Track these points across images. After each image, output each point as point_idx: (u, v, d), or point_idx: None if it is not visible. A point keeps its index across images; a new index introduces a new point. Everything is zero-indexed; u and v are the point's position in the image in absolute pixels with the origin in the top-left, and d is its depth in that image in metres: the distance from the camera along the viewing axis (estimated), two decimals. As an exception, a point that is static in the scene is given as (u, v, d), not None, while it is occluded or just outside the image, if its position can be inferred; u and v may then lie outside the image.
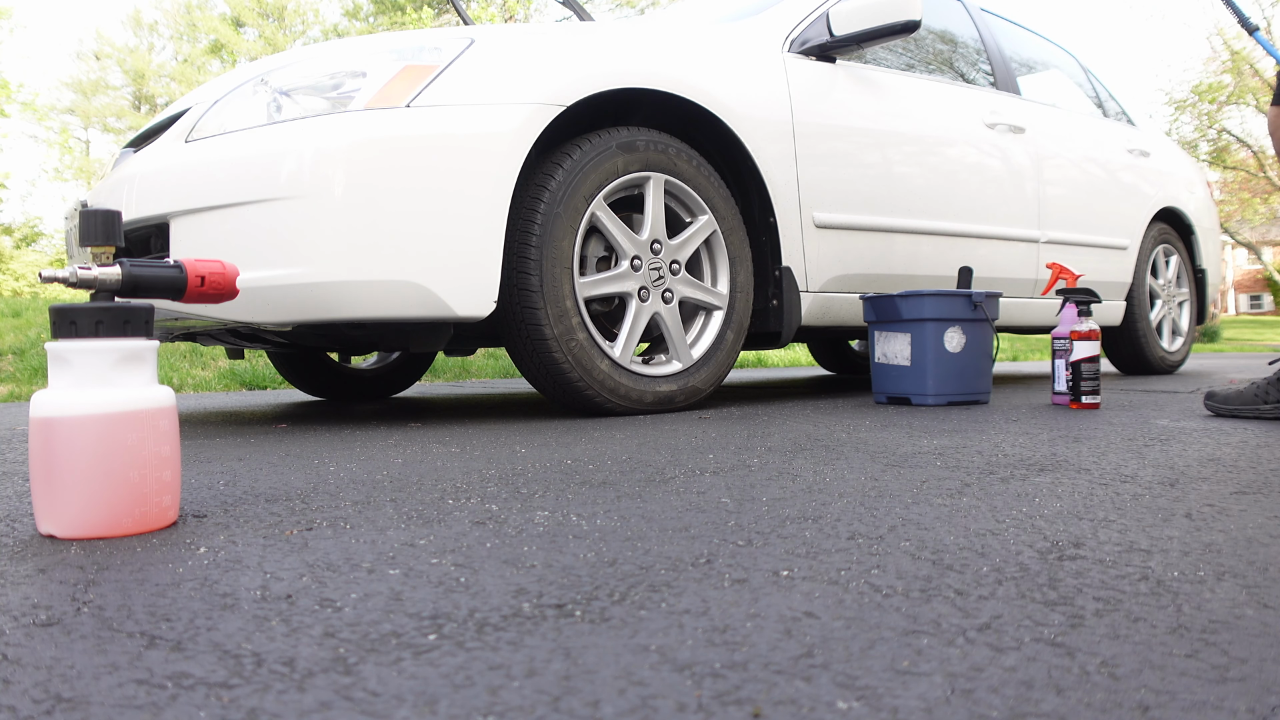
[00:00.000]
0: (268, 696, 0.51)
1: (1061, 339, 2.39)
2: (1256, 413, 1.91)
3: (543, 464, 1.39)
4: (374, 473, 1.34)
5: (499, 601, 0.68)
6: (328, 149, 1.82)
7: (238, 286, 1.08)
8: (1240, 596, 0.67)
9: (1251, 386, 1.94)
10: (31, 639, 0.61)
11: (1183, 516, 0.96)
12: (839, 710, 0.48)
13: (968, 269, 2.62)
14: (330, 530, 0.93)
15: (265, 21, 24.63)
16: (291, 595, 0.70)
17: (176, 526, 0.97)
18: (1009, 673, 0.53)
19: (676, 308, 2.22)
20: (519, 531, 0.91)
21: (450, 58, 1.96)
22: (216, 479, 1.31)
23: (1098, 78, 4.20)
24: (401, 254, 1.83)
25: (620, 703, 0.49)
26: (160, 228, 1.95)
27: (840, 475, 1.25)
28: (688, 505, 1.04)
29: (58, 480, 0.91)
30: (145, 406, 0.94)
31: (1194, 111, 21.79)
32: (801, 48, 2.56)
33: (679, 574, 0.75)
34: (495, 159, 1.90)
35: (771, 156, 2.37)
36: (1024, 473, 1.25)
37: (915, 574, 0.74)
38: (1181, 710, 0.48)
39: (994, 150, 3.11)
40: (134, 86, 25.33)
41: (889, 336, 2.50)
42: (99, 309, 0.93)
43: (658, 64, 2.19)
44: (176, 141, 2.01)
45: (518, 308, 1.99)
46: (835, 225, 2.55)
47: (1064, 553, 0.80)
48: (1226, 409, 1.96)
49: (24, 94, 22.37)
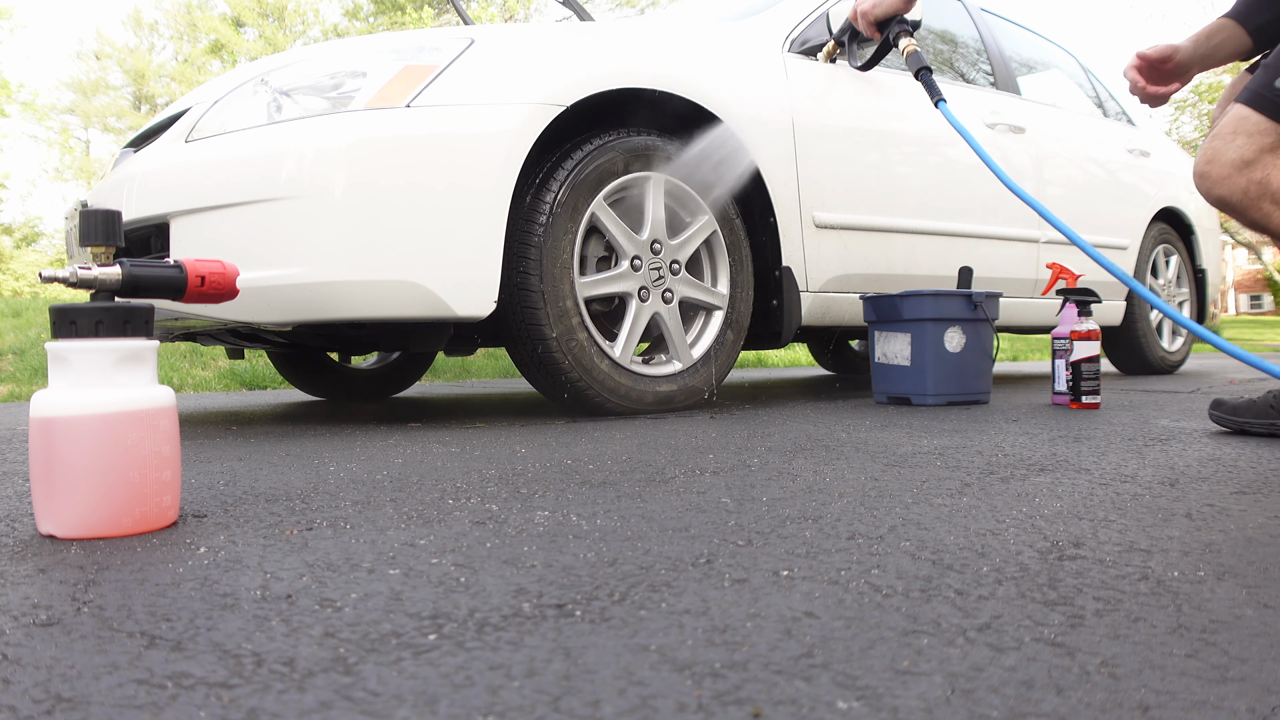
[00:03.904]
0: (268, 696, 0.51)
1: (1061, 339, 2.39)
2: (1270, 429, 1.66)
3: (543, 464, 1.39)
4: (374, 473, 1.34)
5: (499, 601, 0.68)
6: (328, 149, 1.82)
7: (238, 286, 1.08)
8: (1240, 596, 0.67)
9: (1266, 396, 1.70)
10: (31, 639, 0.61)
11: (1183, 516, 0.96)
12: (839, 710, 0.48)
13: (968, 269, 2.62)
14: (330, 530, 0.93)
15: (265, 21, 24.63)
16: (291, 595, 0.70)
17: (176, 526, 0.97)
18: (1009, 673, 0.53)
19: (676, 308, 2.22)
20: (519, 531, 0.91)
21: (450, 58, 1.96)
22: (216, 479, 1.31)
23: (1098, 78, 4.20)
24: (401, 254, 1.83)
25: (620, 703, 0.49)
26: (160, 228, 1.95)
27: (840, 475, 1.24)
28: (688, 505, 1.04)
29: (58, 480, 0.91)
30: (145, 406, 0.94)
31: (1194, 111, 21.79)
32: (802, 48, 2.56)
33: (679, 574, 0.75)
34: (495, 159, 1.90)
35: (771, 156, 2.37)
36: (1024, 473, 1.25)
37: (915, 574, 0.74)
38: (1181, 710, 0.48)
39: (994, 150, 3.11)
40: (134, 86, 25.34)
41: (889, 336, 2.50)
42: (99, 309, 0.93)
43: (658, 64, 2.19)
44: (176, 141, 2.01)
45: (518, 308, 1.99)
46: (835, 225, 2.54)
47: (1064, 553, 0.80)
48: (1236, 421, 1.71)
49: (24, 94, 22.37)
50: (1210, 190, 1.48)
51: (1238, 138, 1.44)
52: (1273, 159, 1.42)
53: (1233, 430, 1.71)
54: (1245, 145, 1.43)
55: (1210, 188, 1.48)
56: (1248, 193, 1.44)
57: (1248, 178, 1.43)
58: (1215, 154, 1.47)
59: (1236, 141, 1.44)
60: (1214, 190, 1.48)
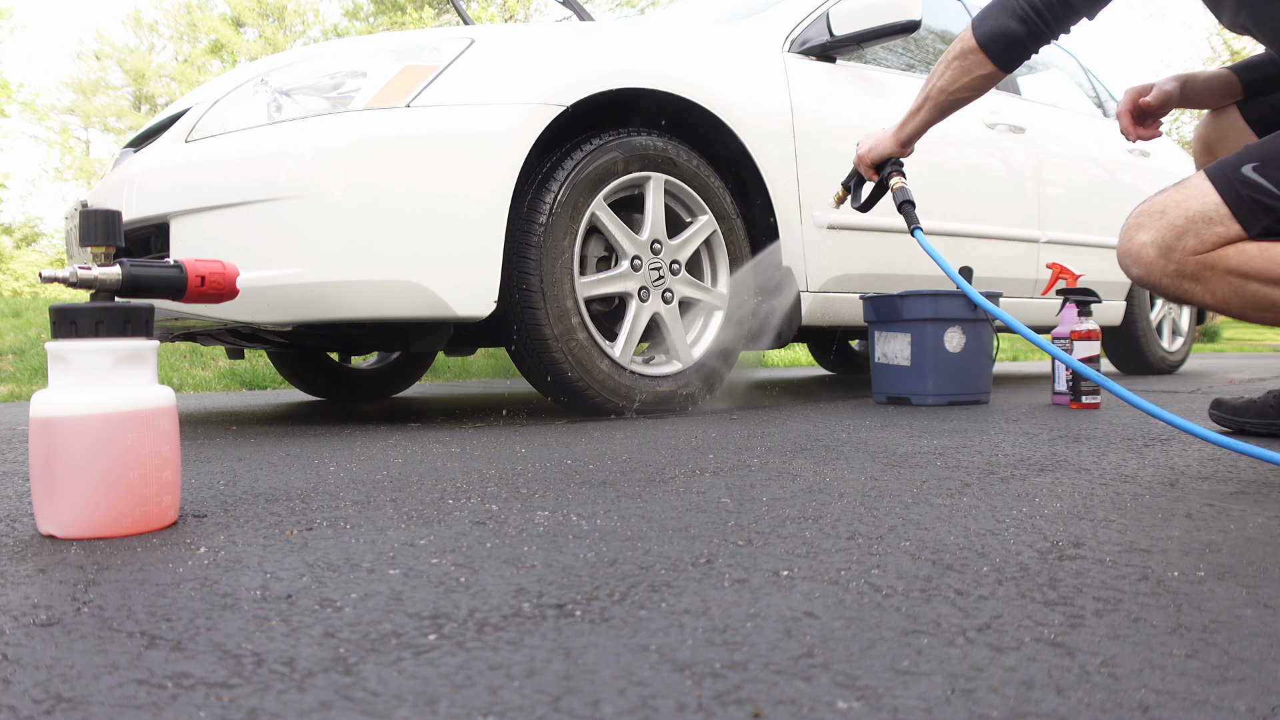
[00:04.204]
0: (268, 696, 0.51)
1: (1062, 339, 2.39)
2: (1270, 429, 1.65)
3: (543, 464, 1.39)
4: (374, 473, 1.34)
5: (499, 601, 0.68)
6: (328, 149, 1.82)
7: (238, 286, 1.08)
8: (1240, 596, 0.67)
9: (1266, 396, 1.69)
10: (31, 639, 0.61)
11: (1183, 516, 0.96)
12: (839, 710, 0.48)
13: (968, 269, 2.62)
14: (330, 530, 0.93)
15: (265, 21, 24.62)
16: (291, 595, 0.70)
17: (176, 526, 0.97)
18: (1009, 673, 0.53)
19: (676, 308, 2.22)
20: (519, 531, 0.91)
21: (450, 58, 1.96)
22: (216, 479, 1.31)
23: (1098, 78, 4.20)
24: (401, 254, 1.83)
25: (620, 703, 0.49)
26: (160, 228, 1.95)
27: (840, 475, 1.24)
28: (688, 505, 1.04)
29: (58, 480, 0.91)
30: (145, 406, 0.94)
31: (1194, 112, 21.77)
32: (802, 48, 2.56)
33: (679, 574, 0.75)
34: (495, 159, 1.90)
35: (772, 156, 2.37)
36: (1024, 473, 1.25)
37: (915, 574, 0.74)
38: (1181, 710, 0.48)
39: (994, 150, 3.11)
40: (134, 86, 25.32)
41: (889, 336, 2.50)
42: (99, 309, 0.93)
43: (658, 64, 2.19)
44: (176, 141, 2.01)
45: (518, 308, 1.99)
46: (835, 225, 2.54)
47: (1064, 553, 0.80)
48: (1236, 422, 1.70)
49: (24, 94, 22.36)
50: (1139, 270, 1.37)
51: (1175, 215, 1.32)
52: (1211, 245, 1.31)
53: (1233, 430, 1.71)
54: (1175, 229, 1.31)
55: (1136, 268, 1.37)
56: (1181, 272, 1.32)
57: (1177, 265, 1.32)
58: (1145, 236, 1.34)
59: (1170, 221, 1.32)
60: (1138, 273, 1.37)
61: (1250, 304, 1.31)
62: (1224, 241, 1.29)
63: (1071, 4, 1.45)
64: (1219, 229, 1.29)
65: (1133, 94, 1.71)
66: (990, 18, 1.53)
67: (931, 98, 1.69)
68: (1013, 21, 1.49)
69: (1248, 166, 1.28)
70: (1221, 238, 1.29)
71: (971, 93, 1.64)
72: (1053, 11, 1.46)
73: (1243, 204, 1.27)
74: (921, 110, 1.73)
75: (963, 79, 1.61)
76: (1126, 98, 1.71)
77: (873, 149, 1.89)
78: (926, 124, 1.76)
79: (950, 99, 1.66)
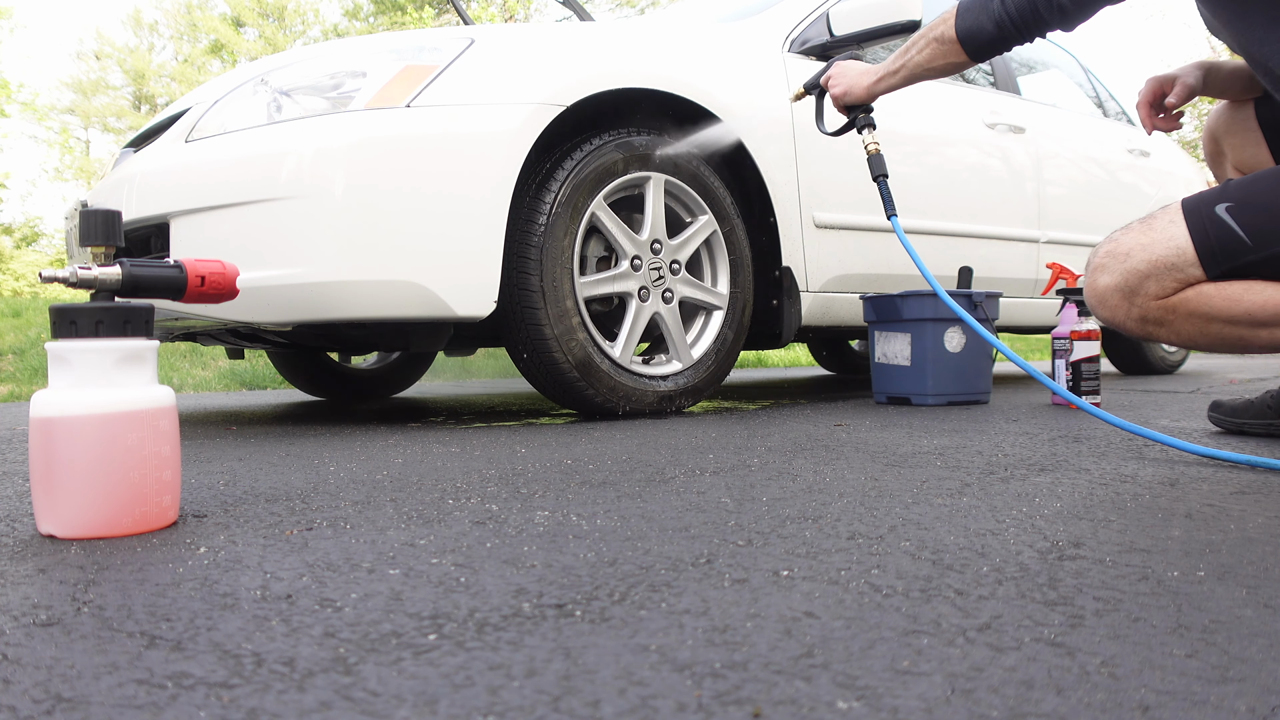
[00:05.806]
0: (268, 696, 0.51)
1: (1061, 339, 2.39)
2: (1268, 429, 1.65)
3: (543, 464, 1.39)
4: (374, 473, 1.34)
5: (499, 601, 0.68)
6: (328, 149, 1.82)
7: (238, 286, 1.08)
8: (1240, 596, 0.67)
9: (1264, 397, 1.68)
10: (31, 639, 0.61)
11: (1183, 516, 0.96)
12: (839, 710, 0.48)
13: (968, 269, 2.62)
14: (330, 530, 0.93)
15: (265, 21, 24.61)
16: (291, 595, 0.70)
17: (176, 526, 0.97)
18: (1009, 673, 0.53)
19: (677, 308, 2.22)
20: (519, 531, 0.91)
21: (450, 58, 1.96)
22: (216, 479, 1.31)
23: (1098, 78, 4.20)
24: (401, 254, 1.83)
25: (620, 703, 0.49)
26: (160, 228, 1.95)
27: (840, 475, 1.24)
28: (688, 505, 1.04)
29: (58, 480, 0.91)
30: (145, 406, 0.94)
31: (1194, 111, 21.78)
32: (802, 48, 2.56)
33: (679, 574, 0.75)
34: (495, 159, 1.90)
35: (772, 156, 2.37)
36: (1024, 473, 1.25)
37: (915, 574, 0.74)
38: (1181, 710, 0.48)
39: (994, 150, 3.11)
40: (134, 86, 25.31)
41: (889, 336, 2.50)
42: (99, 309, 0.93)
43: (658, 64, 2.19)
44: (176, 141, 2.01)
45: (518, 308, 1.99)
46: (835, 225, 2.54)
47: (1064, 553, 0.80)
48: (1235, 423, 1.70)
49: (24, 94, 22.34)
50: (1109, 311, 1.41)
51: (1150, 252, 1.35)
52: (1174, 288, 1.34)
53: (1231, 431, 1.71)
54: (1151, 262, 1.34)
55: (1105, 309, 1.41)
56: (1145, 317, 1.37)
57: (1141, 308, 1.36)
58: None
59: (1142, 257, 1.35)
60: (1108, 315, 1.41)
61: (1215, 341, 1.37)
62: (1185, 285, 1.34)
63: (1042, 16, 1.57)
64: (1180, 275, 1.34)
65: (1153, 85, 1.74)
66: (971, 14, 1.67)
67: (908, 68, 1.85)
68: (989, 24, 1.63)
69: (1221, 206, 1.31)
70: (1182, 283, 1.34)
71: (943, 73, 1.81)
72: (1025, 21, 1.59)
73: (1209, 250, 1.31)
74: (897, 74, 1.89)
75: (938, 61, 1.77)
76: (1147, 89, 1.74)
77: (847, 92, 2.05)
78: (897, 88, 1.93)
79: (924, 73, 1.83)
